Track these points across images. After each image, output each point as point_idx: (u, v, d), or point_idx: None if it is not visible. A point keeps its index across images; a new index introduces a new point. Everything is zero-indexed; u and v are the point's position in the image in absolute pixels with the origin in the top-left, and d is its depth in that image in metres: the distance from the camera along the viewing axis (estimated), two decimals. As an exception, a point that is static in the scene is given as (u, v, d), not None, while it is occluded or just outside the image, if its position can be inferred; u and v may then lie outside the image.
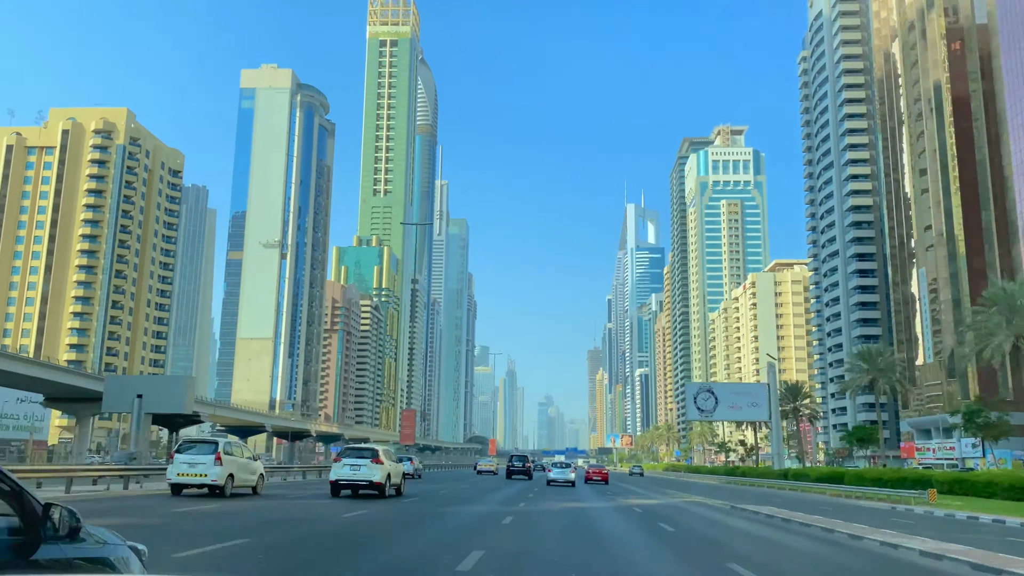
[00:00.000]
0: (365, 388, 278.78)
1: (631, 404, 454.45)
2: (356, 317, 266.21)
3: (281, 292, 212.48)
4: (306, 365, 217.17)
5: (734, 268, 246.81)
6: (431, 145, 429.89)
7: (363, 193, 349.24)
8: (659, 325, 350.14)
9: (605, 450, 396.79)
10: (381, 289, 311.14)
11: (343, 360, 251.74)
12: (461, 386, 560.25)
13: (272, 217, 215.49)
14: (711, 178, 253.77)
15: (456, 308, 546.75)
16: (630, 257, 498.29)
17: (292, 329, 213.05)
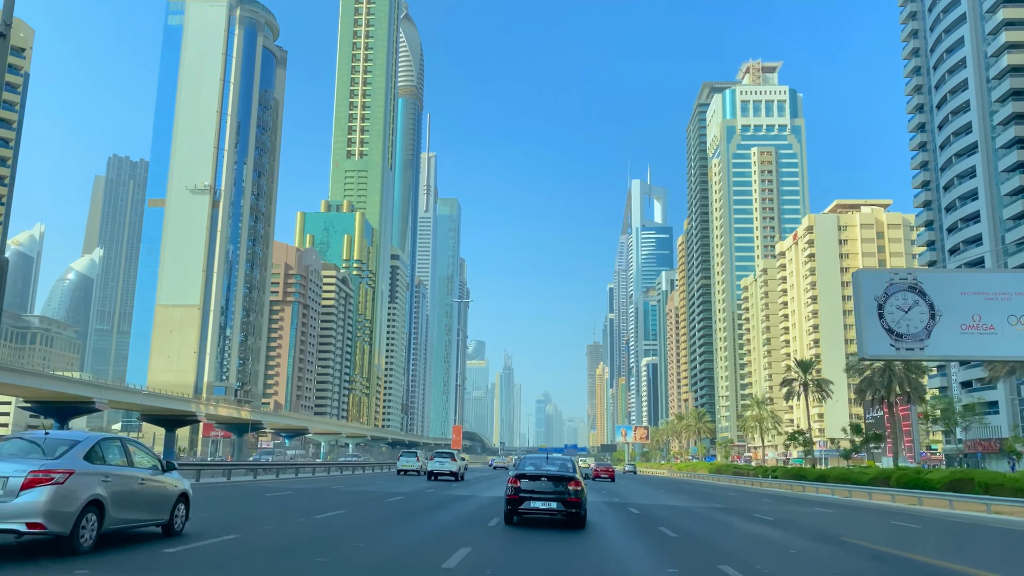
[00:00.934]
0: (329, 373, 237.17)
1: (636, 397, 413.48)
2: (316, 288, 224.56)
3: (212, 248, 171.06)
4: (244, 340, 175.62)
5: (767, 228, 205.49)
6: (416, 110, 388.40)
7: (335, 154, 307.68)
8: (671, 306, 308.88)
9: (608, 447, 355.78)
10: (352, 260, 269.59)
11: (298, 339, 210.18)
12: (451, 379, 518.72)
13: (202, 157, 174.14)
14: (739, 122, 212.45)
15: (446, 295, 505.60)
16: (635, 238, 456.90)
17: (227, 296, 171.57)
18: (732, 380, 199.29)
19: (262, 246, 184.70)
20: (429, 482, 44.14)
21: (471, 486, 41.70)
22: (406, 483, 42.29)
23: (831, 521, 26.02)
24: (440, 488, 37.69)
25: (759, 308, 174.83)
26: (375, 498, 28.16)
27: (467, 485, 42.55)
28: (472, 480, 50.68)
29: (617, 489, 46.09)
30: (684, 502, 34.34)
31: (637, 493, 43.59)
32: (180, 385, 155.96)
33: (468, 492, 34.85)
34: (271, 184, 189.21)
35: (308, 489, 33.79)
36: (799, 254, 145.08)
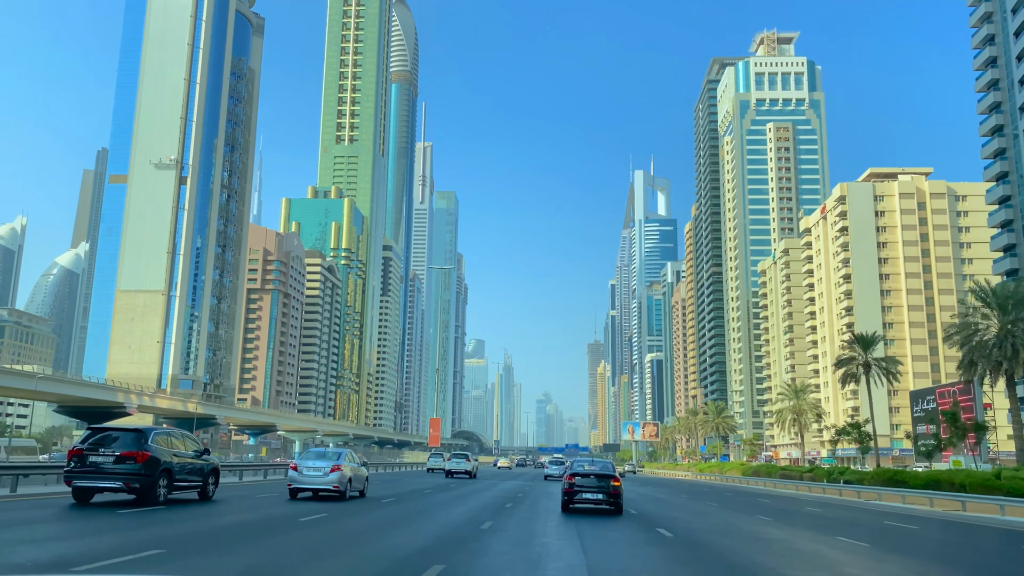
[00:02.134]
0: (313, 368, 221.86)
1: (639, 395, 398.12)
2: (299, 277, 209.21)
3: (179, 229, 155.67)
4: (215, 330, 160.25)
5: (785, 210, 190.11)
6: (410, 96, 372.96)
7: (324, 139, 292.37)
8: (677, 298, 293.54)
9: (611, 446, 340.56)
10: (340, 249, 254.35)
11: (278, 330, 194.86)
12: (449, 377, 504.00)
13: (168, 129, 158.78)
14: (753, 95, 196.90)
15: (444, 290, 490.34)
16: (638, 231, 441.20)
17: (195, 281, 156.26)
18: (747, 373, 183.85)
19: (236, 227, 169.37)
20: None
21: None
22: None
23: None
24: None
25: (779, 293, 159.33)
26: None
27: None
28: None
29: (650, 508, 30.87)
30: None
31: (676, 510, 28.35)
32: (142, 378, 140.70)
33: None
34: (246, 160, 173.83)
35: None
36: (828, 229, 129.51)
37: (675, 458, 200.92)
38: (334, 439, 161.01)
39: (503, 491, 36.40)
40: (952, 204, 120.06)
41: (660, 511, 27.22)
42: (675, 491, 48.72)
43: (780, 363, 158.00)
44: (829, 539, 19.04)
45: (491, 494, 33.23)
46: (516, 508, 25.32)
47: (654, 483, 63.84)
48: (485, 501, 28.37)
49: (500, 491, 36.19)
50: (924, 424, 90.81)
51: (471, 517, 20.89)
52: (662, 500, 35.50)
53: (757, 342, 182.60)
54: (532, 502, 28.94)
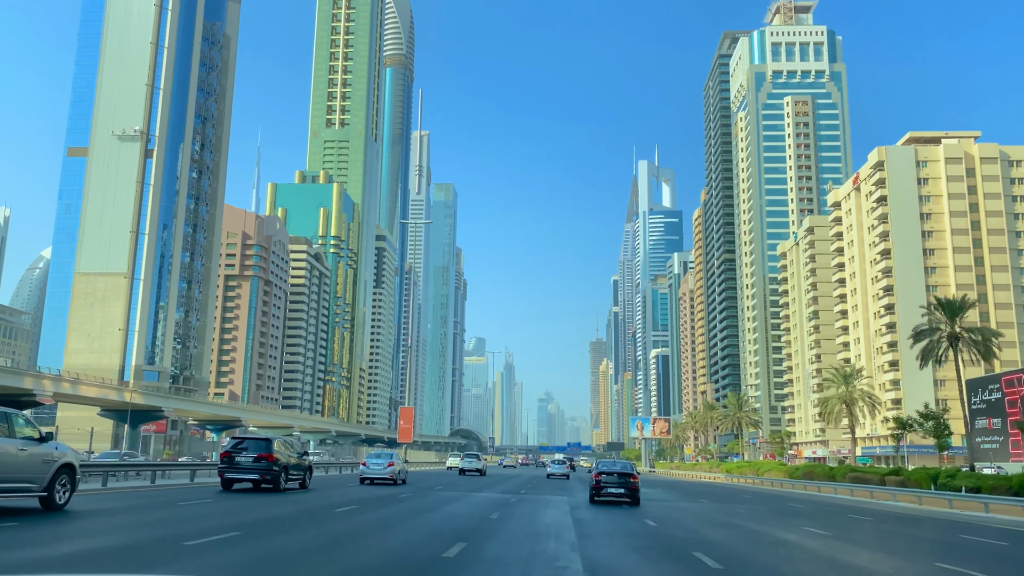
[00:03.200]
0: (298, 362, 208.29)
1: (644, 392, 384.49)
2: (282, 264, 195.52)
3: (144, 206, 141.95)
4: (184, 317, 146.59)
5: (804, 189, 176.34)
6: (405, 81, 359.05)
7: (313, 123, 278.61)
8: (684, 290, 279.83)
9: (615, 445, 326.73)
10: (328, 236, 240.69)
11: (258, 320, 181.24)
12: (447, 374, 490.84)
13: (133, 97, 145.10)
14: (769, 67, 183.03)
15: (442, 285, 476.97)
16: (642, 223, 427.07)
17: (161, 263, 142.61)
18: (764, 365, 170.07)
19: (210, 207, 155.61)
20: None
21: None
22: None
23: None
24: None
25: (801, 277, 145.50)
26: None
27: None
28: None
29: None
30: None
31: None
32: (103, 369, 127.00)
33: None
34: (221, 134, 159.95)
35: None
36: (862, 202, 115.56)
37: (683, 457, 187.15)
38: (314, 436, 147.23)
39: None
40: (1005, 170, 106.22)
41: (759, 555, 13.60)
42: (719, 500, 35.17)
43: (803, 353, 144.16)
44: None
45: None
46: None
47: (680, 488, 50.27)
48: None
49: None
50: (984, 417, 77.20)
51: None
52: (729, 525, 21.76)
53: (776, 332, 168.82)
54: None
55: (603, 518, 21.68)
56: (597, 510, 24.84)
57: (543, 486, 42.91)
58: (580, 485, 45.15)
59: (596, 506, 26.62)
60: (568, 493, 35.70)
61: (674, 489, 47.05)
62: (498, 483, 44.35)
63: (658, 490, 43.22)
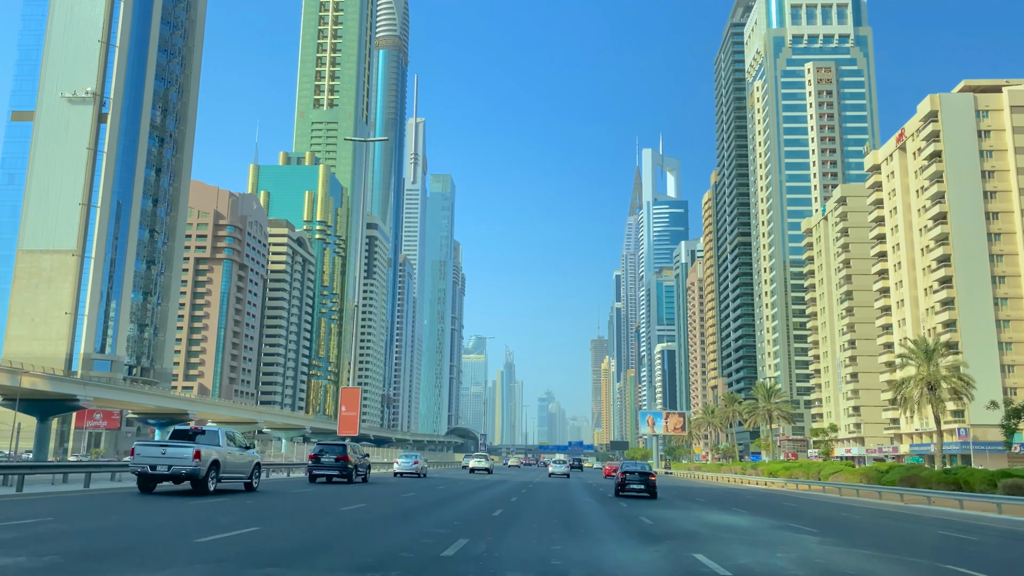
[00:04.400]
0: (279, 354, 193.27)
1: (648, 389, 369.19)
2: (259, 247, 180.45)
3: (97, 176, 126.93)
4: (143, 301, 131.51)
5: (828, 163, 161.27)
6: (399, 65, 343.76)
7: (300, 103, 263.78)
8: (692, 279, 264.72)
9: (619, 444, 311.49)
10: (314, 221, 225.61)
11: (231, 307, 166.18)
12: (445, 371, 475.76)
13: (85, 56, 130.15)
14: (789, 31, 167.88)
15: (439, 279, 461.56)
16: (646, 214, 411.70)
17: (116, 239, 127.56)
18: (784, 356, 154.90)
19: (173, 179, 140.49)
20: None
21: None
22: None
23: None
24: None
25: (830, 255, 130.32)
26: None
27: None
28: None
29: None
30: None
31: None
32: (48, 358, 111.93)
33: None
34: (187, 100, 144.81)
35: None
36: (908, 161, 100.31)
37: (691, 456, 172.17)
38: (285, 434, 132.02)
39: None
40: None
41: None
42: (828, 531, 19.88)
43: (833, 340, 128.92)
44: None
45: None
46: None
47: (718, 497, 35.33)
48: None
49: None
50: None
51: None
52: None
53: (799, 318, 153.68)
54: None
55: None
56: None
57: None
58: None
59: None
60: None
61: (726, 504, 31.97)
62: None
63: (708, 510, 28.01)
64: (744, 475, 66.81)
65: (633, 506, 26.20)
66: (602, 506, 26.00)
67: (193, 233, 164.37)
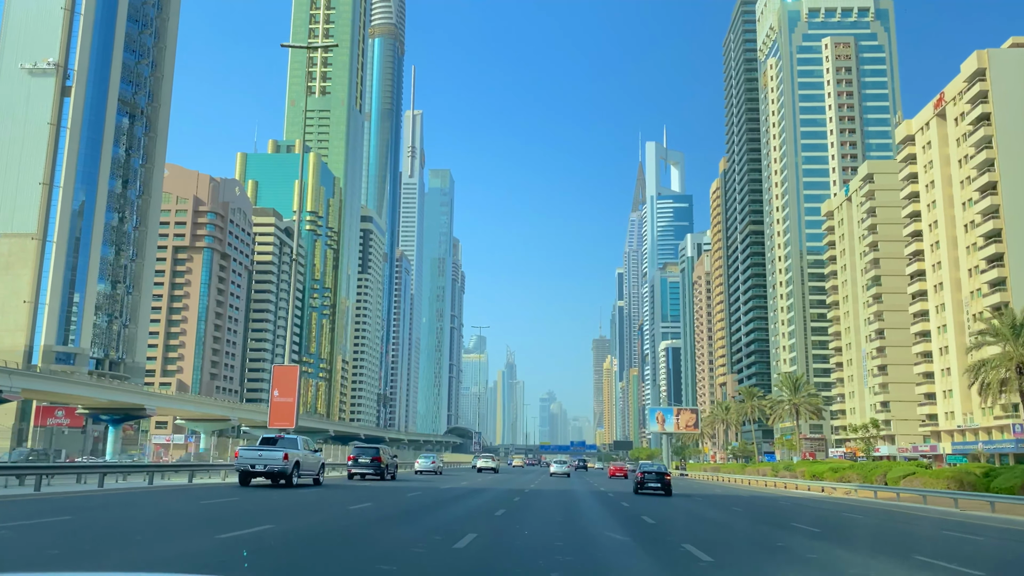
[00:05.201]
0: (265, 349, 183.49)
1: (652, 387, 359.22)
2: (243, 236, 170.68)
3: (59, 153, 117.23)
4: (112, 290, 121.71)
5: (847, 144, 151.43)
6: (395, 53, 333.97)
7: (291, 91, 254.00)
8: (699, 272, 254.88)
9: (623, 444, 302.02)
10: (304, 212, 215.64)
11: (212, 299, 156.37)
12: (444, 370, 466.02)
13: (47, 24, 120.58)
14: (805, 4, 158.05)
15: (438, 276, 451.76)
16: (650, 208, 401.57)
17: (81, 223, 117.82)
18: (801, 349, 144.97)
19: (146, 160, 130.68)
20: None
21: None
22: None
23: None
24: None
25: (856, 238, 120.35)
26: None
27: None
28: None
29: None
30: None
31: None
32: (5, 350, 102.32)
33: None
34: (161, 77, 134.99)
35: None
36: (949, 129, 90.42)
37: (699, 456, 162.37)
38: (264, 431, 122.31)
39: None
40: None
41: None
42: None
43: (857, 330, 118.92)
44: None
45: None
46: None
47: (765, 508, 25.77)
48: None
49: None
50: None
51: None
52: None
53: (817, 309, 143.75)
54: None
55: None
56: None
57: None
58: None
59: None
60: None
61: (786, 521, 22.25)
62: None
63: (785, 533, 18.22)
64: (777, 478, 56.92)
65: (663, 528, 19.09)
66: (635, 541, 16.42)
67: (171, 220, 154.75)
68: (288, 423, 40.84)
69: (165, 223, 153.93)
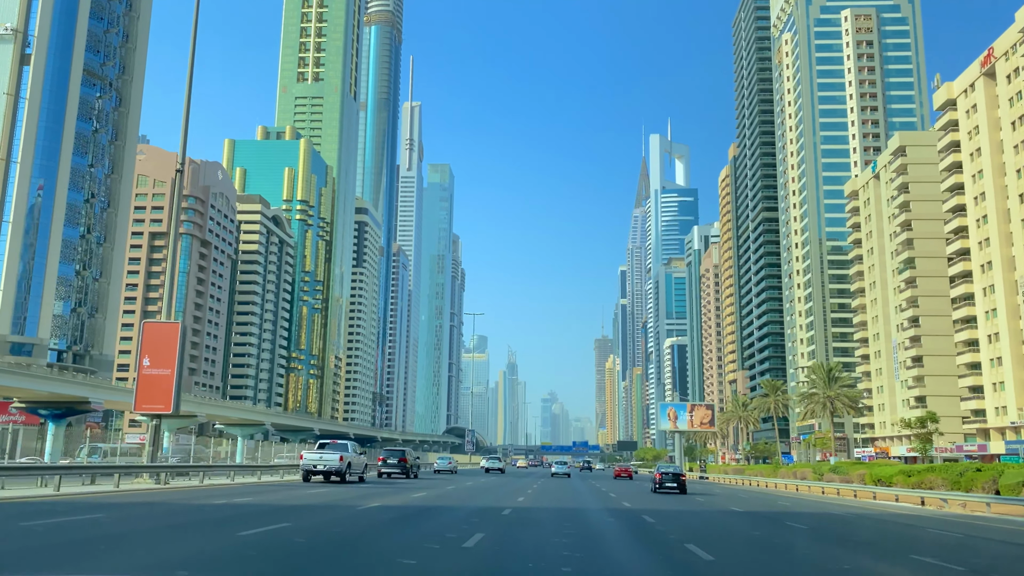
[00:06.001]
0: (251, 344, 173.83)
1: (657, 386, 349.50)
2: (226, 223, 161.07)
3: (17, 126, 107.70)
4: (77, 275, 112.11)
5: (869, 123, 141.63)
6: (392, 42, 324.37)
7: (283, 77, 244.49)
8: (707, 265, 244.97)
9: (627, 444, 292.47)
10: (294, 201, 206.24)
11: (191, 288, 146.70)
12: (443, 370, 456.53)
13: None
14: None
15: (437, 273, 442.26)
16: (654, 203, 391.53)
17: (42, 202, 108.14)
18: (820, 342, 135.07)
19: (116, 136, 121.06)
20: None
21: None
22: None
23: None
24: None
25: (884, 218, 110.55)
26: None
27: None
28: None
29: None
30: None
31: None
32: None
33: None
34: (133, 47, 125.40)
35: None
36: (999, 88, 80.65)
37: (706, 457, 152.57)
38: (242, 430, 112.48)
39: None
40: None
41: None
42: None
43: (887, 319, 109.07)
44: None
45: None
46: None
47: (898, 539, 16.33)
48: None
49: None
50: None
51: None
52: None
53: (838, 299, 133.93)
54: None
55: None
56: None
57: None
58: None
59: None
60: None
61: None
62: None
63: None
64: (824, 483, 47.15)
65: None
66: None
67: (147, 204, 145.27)
68: (163, 406, 30.76)
69: (141, 208, 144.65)
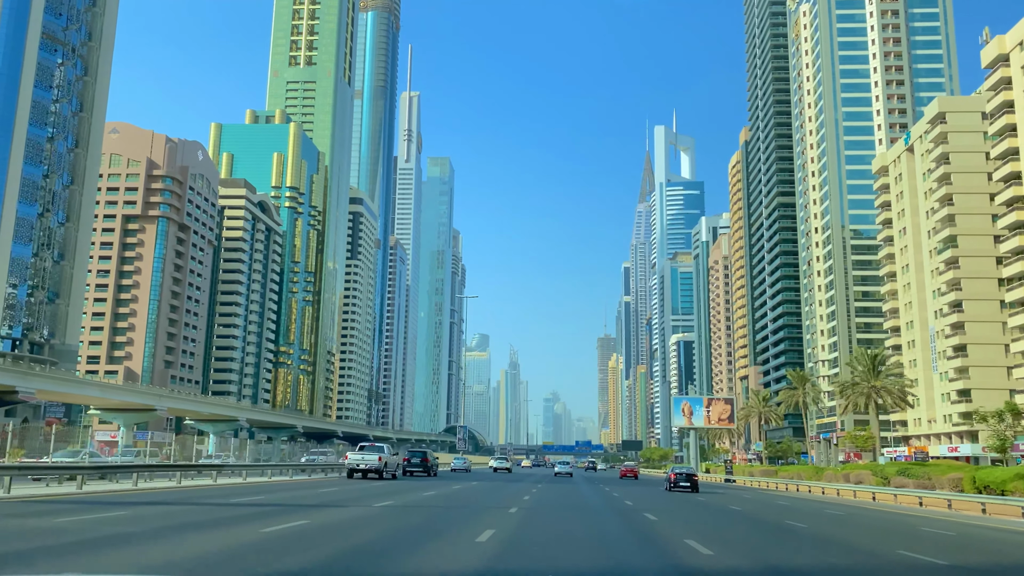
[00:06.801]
0: (235, 336, 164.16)
1: (662, 384, 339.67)
2: (206, 207, 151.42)
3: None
4: (35, 256, 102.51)
5: (895, 98, 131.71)
6: (390, 29, 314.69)
7: (275, 61, 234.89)
8: (716, 256, 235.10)
9: (632, 444, 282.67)
10: (284, 187, 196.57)
11: (167, 275, 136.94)
12: (443, 367, 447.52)
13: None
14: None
15: (436, 268, 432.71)
16: (659, 196, 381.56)
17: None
18: (843, 334, 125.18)
19: (81, 108, 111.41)
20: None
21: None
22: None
23: None
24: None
25: (919, 194, 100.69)
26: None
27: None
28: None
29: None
30: None
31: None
32: None
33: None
34: (101, 12, 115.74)
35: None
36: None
37: (716, 457, 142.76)
38: (213, 426, 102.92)
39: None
40: None
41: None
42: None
43: (922, 305, 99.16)
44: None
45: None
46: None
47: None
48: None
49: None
50: None
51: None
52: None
53: (863, 287, 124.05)
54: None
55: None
56: None
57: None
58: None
59: None
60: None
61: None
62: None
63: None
64: (894, 489, 37.28)
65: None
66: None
67: (121, 185, 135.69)
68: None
69: (114, 189, 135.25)
